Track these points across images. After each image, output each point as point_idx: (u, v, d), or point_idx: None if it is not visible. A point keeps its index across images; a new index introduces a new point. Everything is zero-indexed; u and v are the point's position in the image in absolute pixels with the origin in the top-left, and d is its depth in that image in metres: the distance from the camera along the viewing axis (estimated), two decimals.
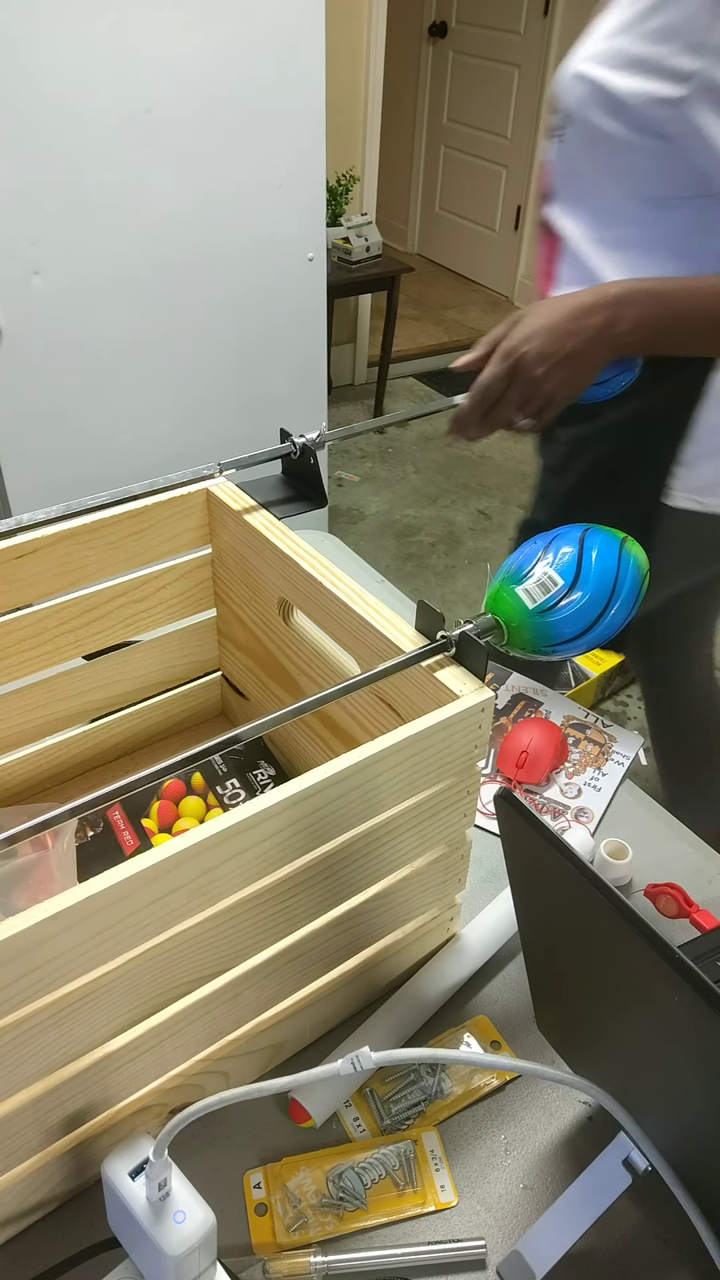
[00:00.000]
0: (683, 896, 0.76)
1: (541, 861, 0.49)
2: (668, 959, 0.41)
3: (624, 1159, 0.55)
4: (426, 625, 0.63)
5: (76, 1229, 0.59)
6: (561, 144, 0.98)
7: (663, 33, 0.83)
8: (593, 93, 0.90)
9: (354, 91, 3.03)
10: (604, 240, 0.98)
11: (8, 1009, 0.47)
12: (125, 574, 0.77)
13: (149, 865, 0.48)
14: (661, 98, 0.85)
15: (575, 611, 0.60)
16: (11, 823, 0.48)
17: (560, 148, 0.99)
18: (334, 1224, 0.59)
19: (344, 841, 0.57)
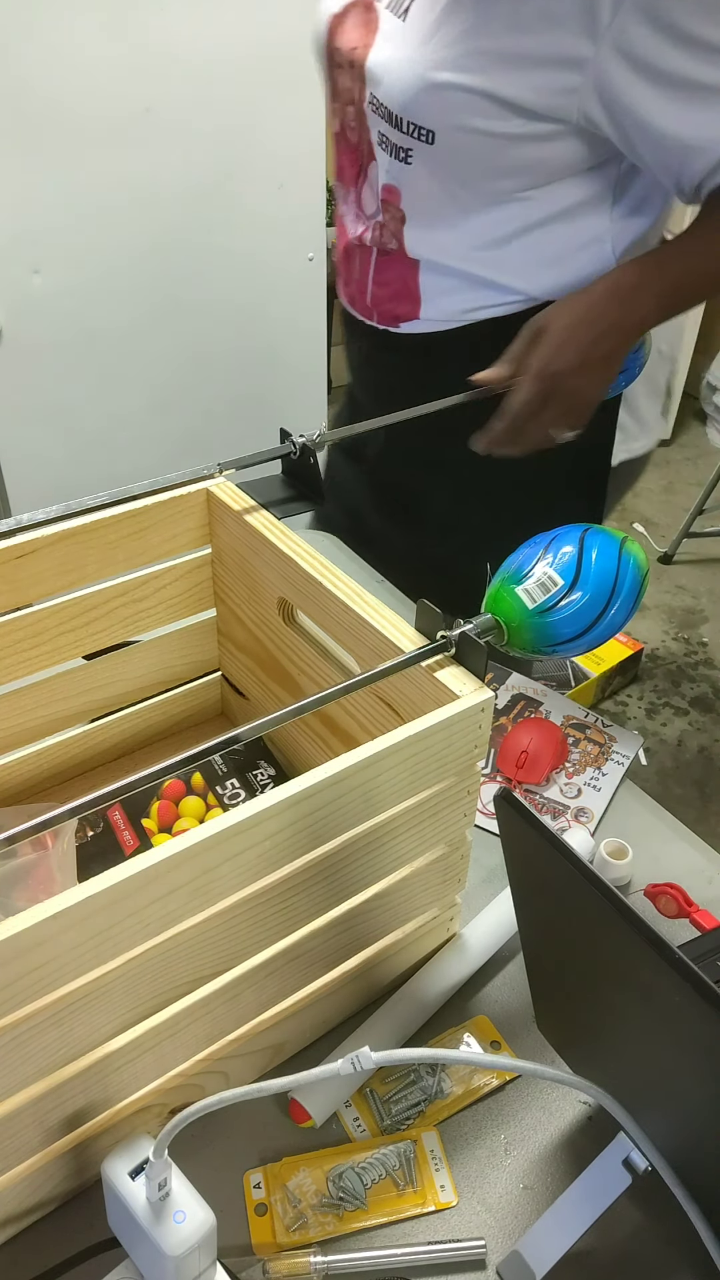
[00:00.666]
0: (683, 896, 0.76)
1: (541, 861, 0.49)
2: (668, 959, 0.41)
3: (624, 1159, 0.55)
4: (426, 625, 0.63)
5: (76, 1229, 0.59)
6: (414, 163, 0.92)
7: (543, 20, 0.79)
8: (467, 101, 0.84)
9: None
10: (490, 241, 0.95)
11: (8, 1009, 0.47)
12: (125, 574, 0.77)
13: (149, 865, 0.48)
14: (559, 88, 0.82)
15: (575, 611, 0.60)
16: (11, 823, 0.48)
17: (415, 168, 0.92)
18: (334, 1224, 0.59)
19: (344, 841, 0.57)
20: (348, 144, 1.00)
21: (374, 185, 0.98)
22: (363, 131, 0.96)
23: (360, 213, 1.02)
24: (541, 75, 0.82)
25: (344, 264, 1.09)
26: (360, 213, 1.02)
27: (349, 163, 1.01)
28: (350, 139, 0.99)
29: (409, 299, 1.02)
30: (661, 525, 2.99)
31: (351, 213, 1.04)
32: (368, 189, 0.99)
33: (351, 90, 0.94)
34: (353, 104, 0.95)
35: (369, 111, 0.93)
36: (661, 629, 2.58)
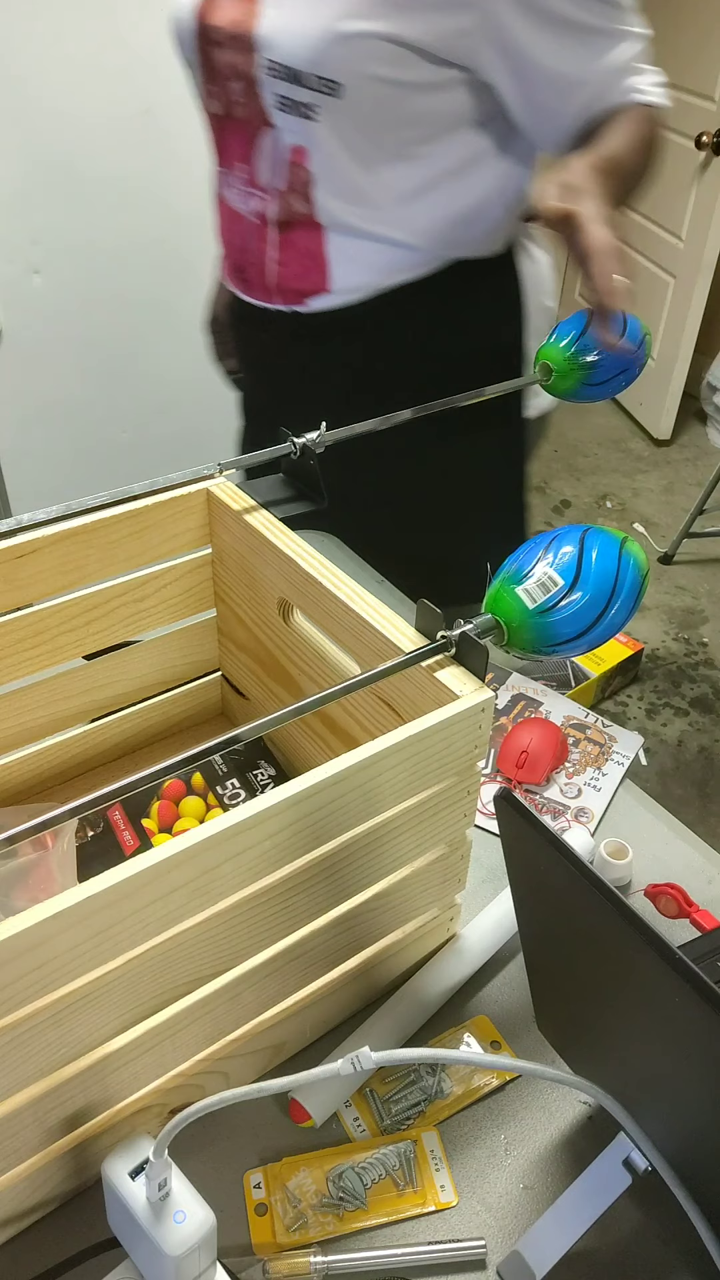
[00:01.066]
0: (683, 896, 0.76)
1: (541, 861, 0.49)
2: (668, 959, 0.41)
3: (624, 1159, 0.55)
4: (426, 625, 0.63)
5: (76, 1229, 0.59)
6: (320, 120, 0.95)
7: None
8: (373, 48, 0.89)
9: None
10: (393, 197, 1.00)
11: (8, 1009, 0.47)
12: (125, 574, 0.77)
13: (149, 865, 0.48)
14: (455, 30, 0.89)
15: (575, 611, 0.60)
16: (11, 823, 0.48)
17: (321, 124, 0.95)
18: (334, 1224, 0.59)
19: (344, 841, 0.57)
20: (234, 121, 1.01)
21: (272, 154, 1.00)
22: (253, 102, 0.97)
23: (254, 188, 1.03)
24: (439, 17, 0.89)
25: (234, 249, 1.10)
26: (254, 188, 1.03)
27: (237, 140, 1.02)
28: (238, 114, 1.00)
29: (317, 270, 1.05)
30: (661, 525, 2.99)
31: (240, 192, 1.05)
32: (263, 160, 1.01)
33: (236, 63, 0.96)
34: (239, 77, 0.96)
35: (264, 78, 0.94)
36: (662, 629, 2.58)
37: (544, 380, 0.89)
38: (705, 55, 2.88)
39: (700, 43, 2.90)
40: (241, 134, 1.01)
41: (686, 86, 2.99)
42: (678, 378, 3.24)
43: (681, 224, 3.09)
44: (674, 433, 3.42)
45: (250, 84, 0.96)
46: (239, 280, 1.12)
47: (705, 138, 2.84)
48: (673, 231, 3.15)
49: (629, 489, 3.18)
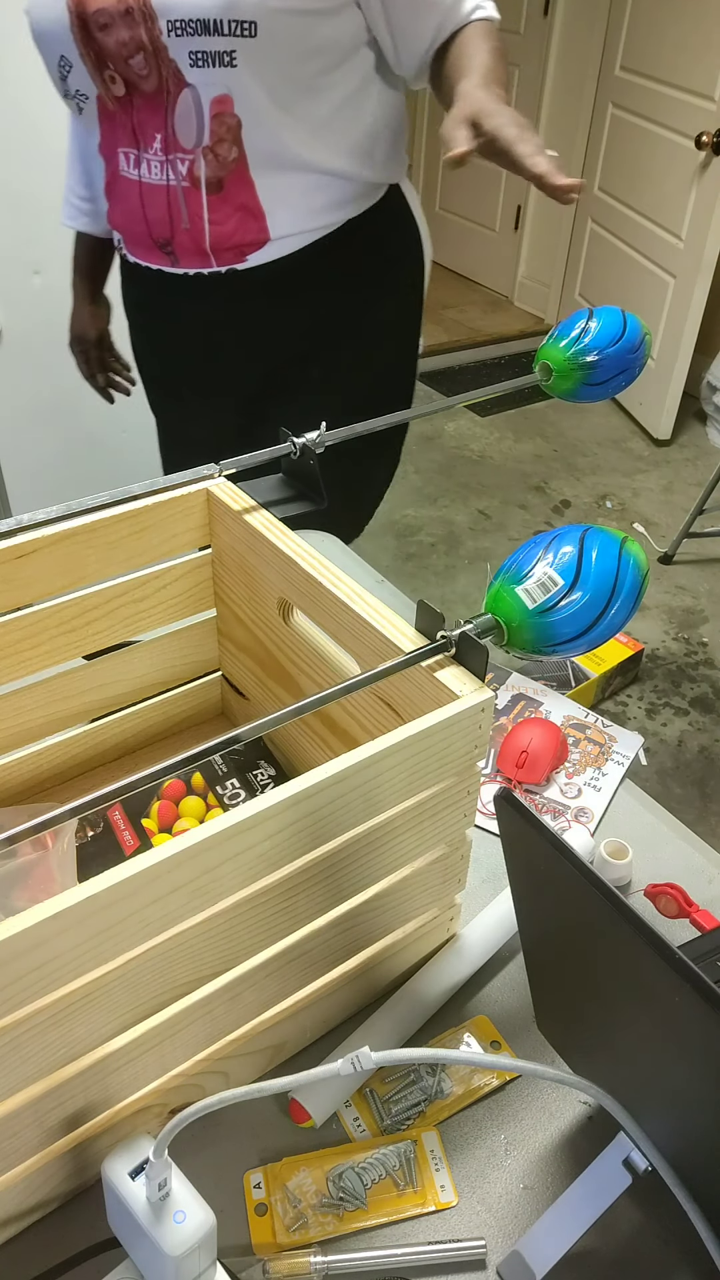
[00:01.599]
0: (683, 896, 0.76)
1: (541, 861, 0.49)
2: (668, 959, 0.41)
3: (624, 1159, 0.55)
4: (426, 625, 0.63)
5: (76, 1229, 0.59)
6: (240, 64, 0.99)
7: None
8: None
9: None
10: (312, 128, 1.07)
11: (7, 1009, 0.47)
12: (125, 574, 0.77)
13: (149, 865, 0.48)
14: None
15: (575, 611, 0.60)
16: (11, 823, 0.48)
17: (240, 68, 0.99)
18: (334, 1224, 0.59)
19: (344, 841, 0.57)
20: (141, 96, 1.03)
21: (193, 112, 1.02)
22: (160, 69, 1.00)
23: (179, 152, 1.05)
24: None
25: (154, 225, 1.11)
26: (179, 152, 1.05)
27: (149, 113, 1.04)
28: (145, 88, 1.02)
29: (255, 220, 1.09)
30: (661, 525, 2.99)
31: (158, 163, 1.07)
32: (182, 123, 1.03)
33: (134, 38, 0.98)
34: (141, 50, 0.99)
35: (170, 41, 0.98)
36: (662, 629, 2.58)
37: (544, 380, 0.89)
38: (705, 55, 2.88)
39: (700, 43, 2.90)
40: (152, 106, 1.03)
41: (686, 86, 2.99)
42: (677, 378, 3.24)
43: (681, 224, 3.09)
44: (674, 432, 3.42)
45: (155, 52, 0.99)
46: (163, 255, 1.14)
47: (705, 138, 2.84)
48: (673, 231, 3.15)
49: (629, 489, 3.18)
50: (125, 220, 1.14)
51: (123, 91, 1.03)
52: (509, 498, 3.12)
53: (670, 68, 3.07)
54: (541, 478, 3.23)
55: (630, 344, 0.87)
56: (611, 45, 3.43)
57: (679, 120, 3.05)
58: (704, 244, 2.98)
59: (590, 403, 0.91)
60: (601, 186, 3.64)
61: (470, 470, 3.27)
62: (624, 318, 0.87)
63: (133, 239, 1.16)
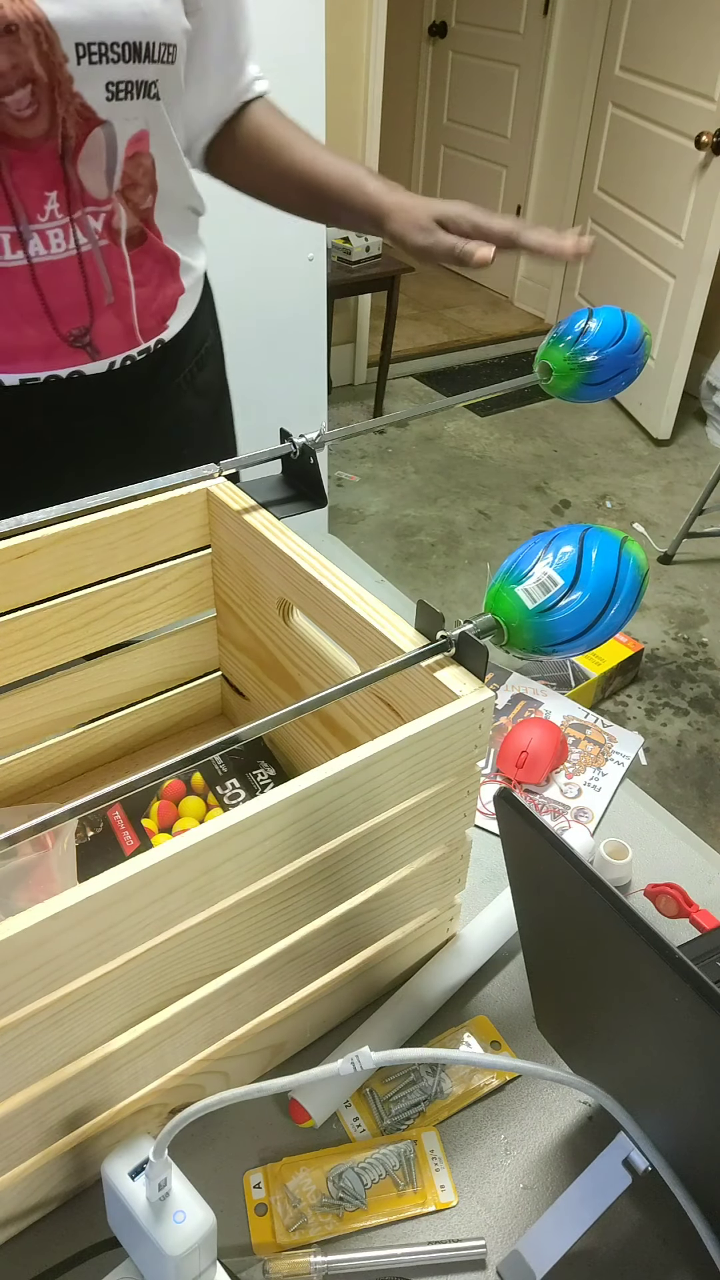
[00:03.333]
0: (683, 896, 0.76)
1: (541, 861, 0.49)
2: (668, 959, 0.41)
3: (624, 1159, 0.55)
4: (426, 625, 0.63)
5: (76, 1229, 0.59)
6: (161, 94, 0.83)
7: None
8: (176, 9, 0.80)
9: (354, 91, 3.03)
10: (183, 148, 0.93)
11: (8, 1009, 0.47)
12: (125, 574, 0.77)
13: (149, 865, 0.48)
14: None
15: (575, 611, 0.60)
16: (11, 823, 0.48)
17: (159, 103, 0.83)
18: (334, 1224, 0.59)
19: (344, 841, 0.57)
20: (18, 147, 0.76)
21: (102, 154, 0.81)
22: (55, 106, 0.76)
23: (83, 207, 0.82)
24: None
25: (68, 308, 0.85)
26: (83, 207, 0.82)
27: (32, 168, 0.77)
28: (26, 133, 0.76)
29: (170, 271, 0.94)
30: (661, 525, 2.99)
31: (55, 232, 0.81)
32: (87, 168, 0.80)
33: (18, 67, 0.72)
34: (28, 82, 0.73)
35: (80, 70, 0.75)
36: (661, 629, 2.58)
37: (544, 380, 0.89)
38: (705, 55, 2.88)
39: (700, 42, 2.90)
40: (37, 158, 0.77)
41: (686, 86, 3.00)
42: (677, 378, 3.24)
43: (681, 224, 3.09)
44: (674, 432, 3.42)
45: (50, 85, 0.74)
46: (75, 353, 0.87)
47: (705, 138, 2.84)
48: (672, 231, 3.15)
49: (629, 489, 3.18)
50: (6, 329, 0.83)
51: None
52: (509, 498, 3.12)
53: (670, 67, 3.07)
54: (541, 478, 3.23)
55: (630, 344, 0.87)
56: (611, 45, 3.43)
57: (679, 120, 3.05)
58: (704, 244, 2.98)
59: (590, 402, 0.91)
60: (601, 186, 3.65)
61: (470, 470, 3.27)
62: (624, 317, 0.87)
63: (16, 352, 0.85)
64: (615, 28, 3.38)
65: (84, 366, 0.88)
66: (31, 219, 0.79)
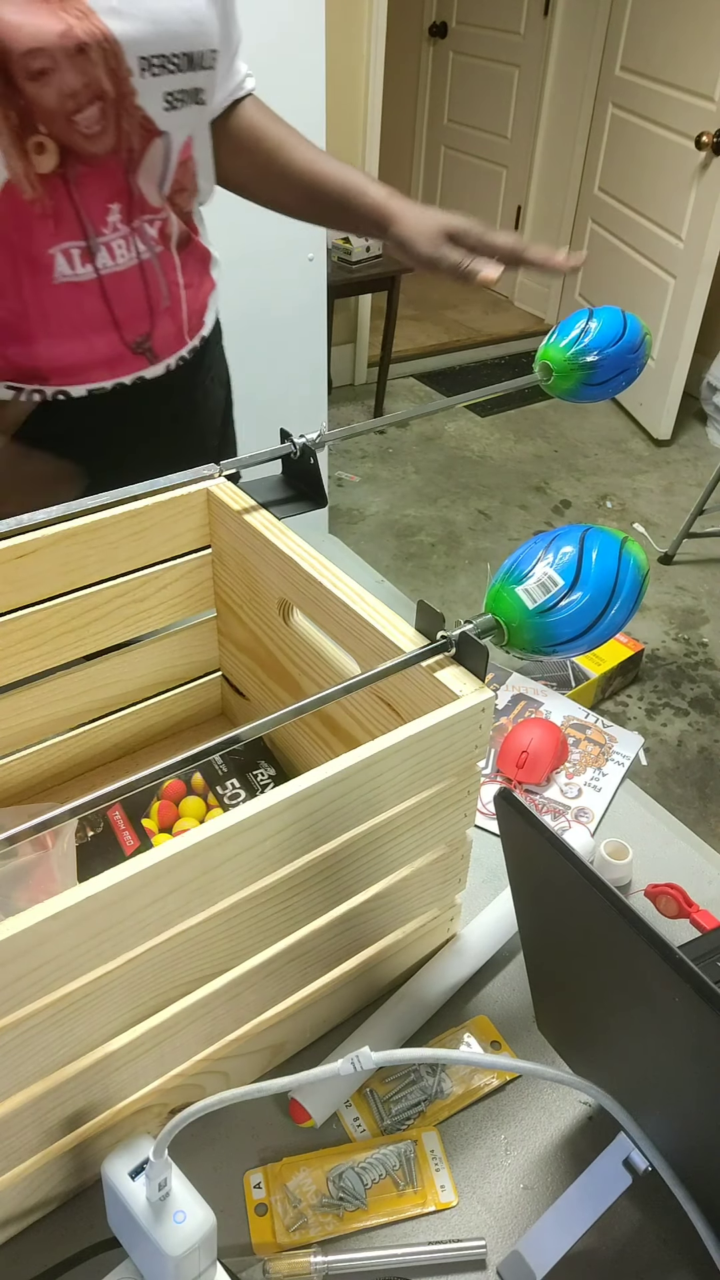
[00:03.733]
0: (683, 896, 0.76)
1: (541, 861, 0.49)
2: (668, 959, 0.41)
3: (624, 1159, 0.55)
4: (426, 625, 0.63)
5: (76, 1229, 0.59)
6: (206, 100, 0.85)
7: None
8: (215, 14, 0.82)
9: (354, 92, 3.03)
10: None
11: (8, 1009, 0.47)
12: (125, 574, 0.77)
13: (149, 865, 0.48)
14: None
15: (575, 612, 0.60)
16: (11, 823, 0.48)
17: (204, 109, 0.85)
18: (334, 1224, 0.59)
19: (344, 842, 0.57)
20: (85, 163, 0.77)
21: (159, 164, 0.83)
22: (121, 121, 0.77)
23: (141, 216, 0.84)
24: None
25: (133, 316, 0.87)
26: (141, 216, 0.84)
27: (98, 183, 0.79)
28: (94, 149, 0.77)
29: (205, 268, 0.96)
30: (661, 525, 2.99)
31: (119, 243, 0.83)
32: (148, 180, 0.83)
33: (90, 85, 0.74)
34: (98, 99, 0.75)
35: (142, 83, 0.77)
36: (662, 629, 2.58)
37: (544, 380, 0.89)
38: (705, 55, 2.88)
39: (700, 43, 2.90)
40: (102, 172, 0.79)
41: (686, 86, 3.00)
42: (678, 378, 3.24)
43: (681, 224, 3.09)
44: (674, 433, 3.42)
45: (117, 100, 0.76)
46: (138, 359, 0.90)
47: (705, 138, 2.84)
48: (672, 231, 3.15)
49: (629, 489, 3.18)
50: (80, 345, 0.85)
51: (53, 165, 0.75)
52: (509, 498, 3.12)
53: (670, 68, 3.07)
54: (541, 478, 3.23)
55: (630, 344, 0.87)
56: (611, 45, 3.43)
57: (679, 120, 3.05)
58: (704, 244, 2.98)
59: (590, 403, 0.91)
60: (601, 186, 3.65)
61: (470, 470, 3.27)
62: (624, 318, 0.87)
63: (87, 366, 0.87)
64: (615, 28, 3.38)
65: (145, 371, 0.91)
66: (98, 231, 0.81)
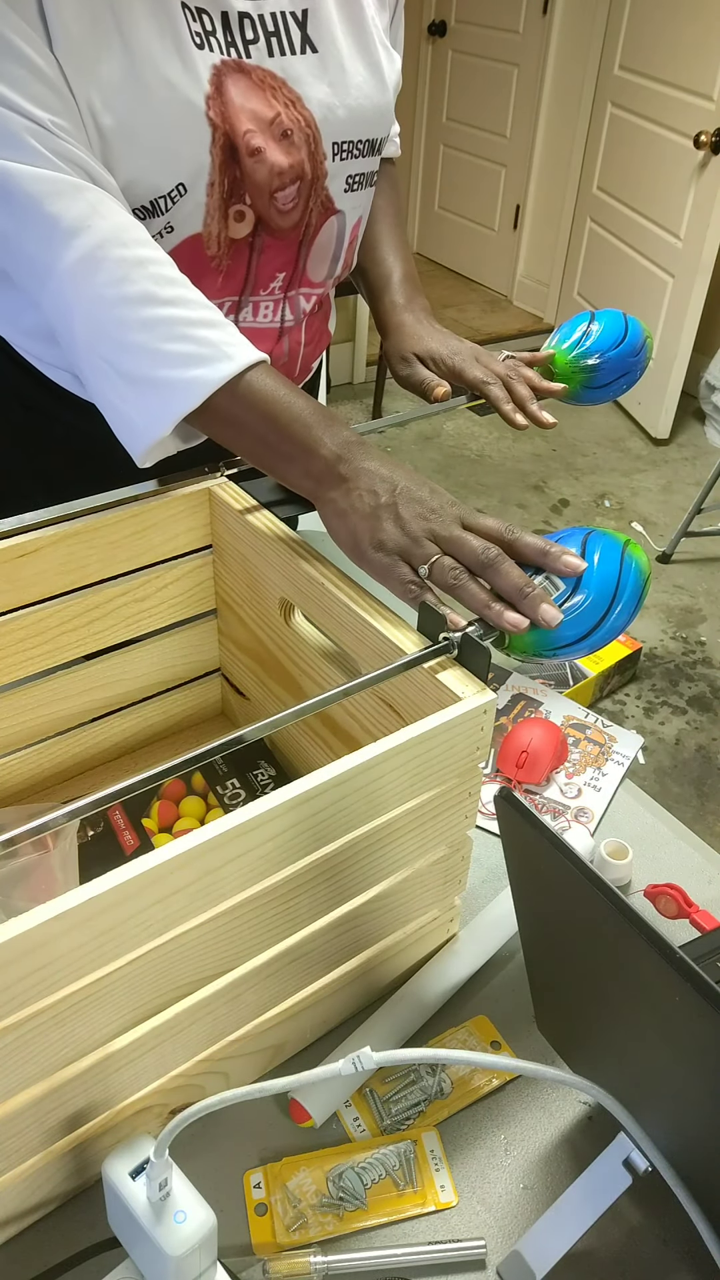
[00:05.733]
0: (683, 896, 0.76)
1: (541, 861, 0.49)
2: (668, 959, 0.41)
3: (624, 1159, 0.55)
4: (428, 627, 0.63)
5: (76, 1229, 0.59)
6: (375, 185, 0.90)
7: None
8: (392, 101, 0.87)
9: None
10: None
11: (10, 1009, 0.47)
12: (126, 574, 0.77)
13: (151, 866, 0.48)
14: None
15: (578, 615, 0.60)
16: (12, 823, 0.48)
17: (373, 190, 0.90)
18: (334, 1224, 0.59)
19: (345, 843, 0.57)
20: (270, 234, 0.82)
21: (333, 243, 0.88)
22: (309, 200, 0.83)
23: (299, 288, 0.89)
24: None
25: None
26: (299, 288, 0.89)
27: (275, 253, 0.84)
28: (282, 223, 0.82)
29: (327, 323, 1.00)
30: (660, 524, 2.99)
31: (268, 306, 0.88)
32: (317, 255, 0.88)
33: (294, 166, 0.79)
34: (299, 179, 0.80)
35: (332, 167, 0.82)
36: (660, 628, 2.58)
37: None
38: (704, 55, 2.88)
39: (699, 42, 2.90)
40: (283, 244, 0.84)
41: (685, 86, 3.00)
42: (676, 377, 3.24)
43: (680, 223, 3.09)
44: (672, 432, 3.42)
45: (312, 181, 0.81)
46: None
47: (704, 137, 2.84)
48: (671, 231, 3.15)
49: (627, 488, 3.18)
50: None
51: (246, 232, 0.80)
52: (508, 497, 3.12)
53: (669, 67, 3.07)
54: (540, 477, 3.23)
55: (632, 347, 0.87)
56: (610, 44, 3.42)
57: (678, 120, 3.05)
58: (702, 243, 2.98)
59: (591, 405, 0.91)
60: (600, 186, 3.65)
61: (469, 469, 3.27)
62: (626, 321, 0.87)
63: None
64: (615, 27, 3.38)
65: None
66: (254, 292, 0.85)
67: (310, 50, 0.78)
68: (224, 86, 0.74)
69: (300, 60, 0.78)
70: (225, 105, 0.74)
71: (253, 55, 0.75)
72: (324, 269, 0.89)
